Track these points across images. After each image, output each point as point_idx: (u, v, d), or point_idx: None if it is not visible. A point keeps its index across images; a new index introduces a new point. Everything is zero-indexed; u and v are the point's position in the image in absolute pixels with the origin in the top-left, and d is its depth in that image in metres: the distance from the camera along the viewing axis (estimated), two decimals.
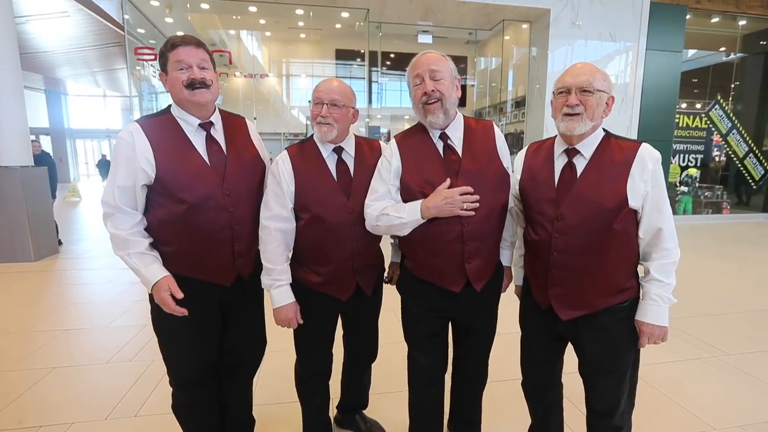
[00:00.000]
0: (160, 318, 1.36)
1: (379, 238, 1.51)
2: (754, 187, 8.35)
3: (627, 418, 1.34)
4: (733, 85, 8.42)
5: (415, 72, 1.32)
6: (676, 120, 7.56)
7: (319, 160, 1.42)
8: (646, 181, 1.15)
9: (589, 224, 1.18)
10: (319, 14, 7.49)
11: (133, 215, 1.28)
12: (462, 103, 9.11)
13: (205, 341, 1.42)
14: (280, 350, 1.93)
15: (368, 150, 1.51)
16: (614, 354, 1.26)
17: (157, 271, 1.27)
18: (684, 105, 8.22)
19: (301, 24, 8.23)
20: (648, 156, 1.16)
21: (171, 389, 1.47)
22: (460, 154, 1.34)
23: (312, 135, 1.48)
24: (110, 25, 8.24)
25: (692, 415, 1.99)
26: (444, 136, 1.35)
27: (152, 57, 6.77)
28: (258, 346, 1.60)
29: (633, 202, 1.16)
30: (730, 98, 8.26)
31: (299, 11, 7.28)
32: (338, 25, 8.24)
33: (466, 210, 1.24)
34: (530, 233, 1.32)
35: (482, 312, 1.47)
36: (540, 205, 1.27)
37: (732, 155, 8.20)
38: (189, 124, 1.33)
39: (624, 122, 6.97)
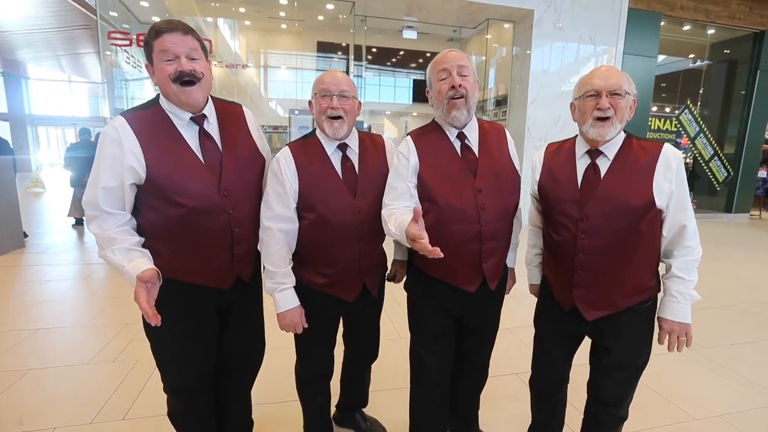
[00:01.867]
0: None
1: (384, 236, 1.48)
2: (718, 188, 8.79)
3: (629, 406, 1.39)
4: (701, 91, 8.83)
5: (441, 67, 1.30)
6: (648, 123, 7.87)
7: (323, 157, 1.37)
8: (671, 180, 1.16)
9: (615, 224, 1.18)
10: (303, 5, 7.33)
11: (121, 215, 1.17)
12: None
13: (202, 348, 1.34)
14: (280, 348, 1.88)
15: (372, 146, 1.47)
16: (635, 351, 1.28)
17: (143, 264, 1.11)
18: (654, 108, 8.55)
19: (282, 14, 8.04)
20: (671, 156, 1.18)
21: (165, 395, 1.39)
22: (476, 154, 1.34)
23: (314, 130, 1.43)
24: (77, 6, 7.79)
25: (674, 405, 2.08)
26: (461, 136, 1.35)
27: (127, 42, 6.45)
28: (257, 350, 1.54)
29: (659, 202, 1.16)
30: (698, 103, 8.65)
31: (283, 1, 7.10)
32: (321, 17, 8.10)
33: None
34: (552, 234, 1.31)
35: (490, 311, 1.48)
36: (562, 205, 1.26)
37: (699, 158, 8.61)
38: (180, 119, 1.21)
39: None
